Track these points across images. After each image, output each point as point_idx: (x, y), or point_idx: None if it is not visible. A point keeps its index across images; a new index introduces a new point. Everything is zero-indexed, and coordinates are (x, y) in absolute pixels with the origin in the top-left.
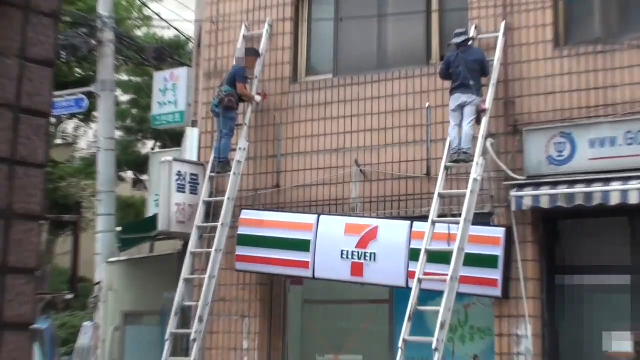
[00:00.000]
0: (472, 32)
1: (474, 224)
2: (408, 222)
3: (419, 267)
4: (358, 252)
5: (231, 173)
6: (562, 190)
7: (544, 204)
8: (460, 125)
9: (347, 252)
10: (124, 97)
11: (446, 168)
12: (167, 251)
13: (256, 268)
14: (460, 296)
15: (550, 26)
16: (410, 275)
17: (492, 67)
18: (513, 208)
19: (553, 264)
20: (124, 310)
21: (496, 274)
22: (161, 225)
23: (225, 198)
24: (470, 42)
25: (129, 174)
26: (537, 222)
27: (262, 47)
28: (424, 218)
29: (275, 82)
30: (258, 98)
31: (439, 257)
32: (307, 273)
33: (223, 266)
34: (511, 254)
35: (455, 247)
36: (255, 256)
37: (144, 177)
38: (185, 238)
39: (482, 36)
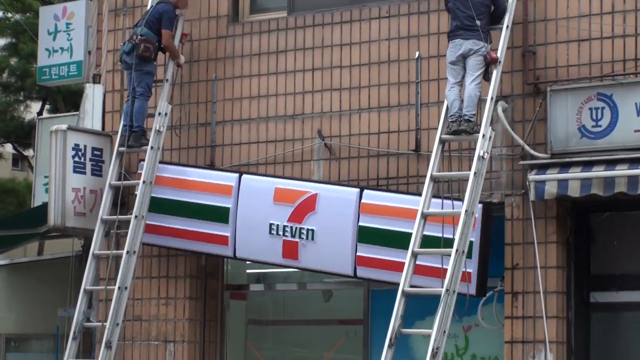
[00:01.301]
0: None
1: None
2: (356, 190)
3: (404, 276)
4: (292, 228)
5: (148, 147)
6: (599, 172)
7: (574, 191)
8: (461, 84)
9: (277, 226)
10: None
11: (442, 142)
12: (61, 253)
13: (161, 241)
14: (459, 314)
15: None
16: (358, 261)
17: (506, 2)
18: (532, 197)
19: (584, 273)
20: (4, 332)
21: (470, 266)
22: (53, 219)
23: (141, 181)
24: None
25: (8, 148)
26: (563, 215)
27: None
28: None
29: (207, 22)
30: (183, 59)
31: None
32: (225, 251)
33: (139, 274)
34: (488, 237)
35: (452, 249)
36: (160, 225)
37: (29, 153)
38: (86, 235)
39: None
